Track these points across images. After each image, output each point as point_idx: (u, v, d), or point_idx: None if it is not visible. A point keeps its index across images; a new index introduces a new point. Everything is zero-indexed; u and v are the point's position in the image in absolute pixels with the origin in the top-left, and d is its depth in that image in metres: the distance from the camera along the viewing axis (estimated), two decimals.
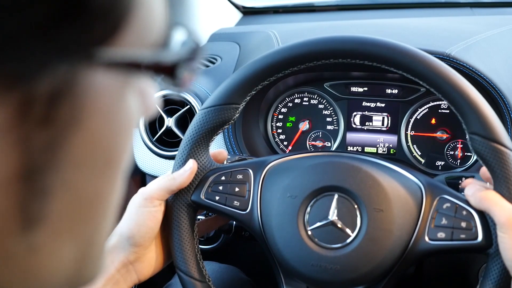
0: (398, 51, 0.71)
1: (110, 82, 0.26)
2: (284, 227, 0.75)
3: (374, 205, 0.72)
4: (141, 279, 0.80)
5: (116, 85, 0.26)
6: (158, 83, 0.31)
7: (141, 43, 0.27)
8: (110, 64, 0.25)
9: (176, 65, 0.28)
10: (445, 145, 1.09)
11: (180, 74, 0.28)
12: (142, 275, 0.79)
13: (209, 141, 0.80)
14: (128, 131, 0.29)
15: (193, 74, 0.30)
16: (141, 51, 0.27)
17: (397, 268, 0.73)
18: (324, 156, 0.79)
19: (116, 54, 0.25)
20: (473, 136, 0.68)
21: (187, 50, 0.29)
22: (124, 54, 0.26)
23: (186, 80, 0.29)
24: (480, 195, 0.69)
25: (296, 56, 0.75)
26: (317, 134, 1.16)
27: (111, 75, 0.26)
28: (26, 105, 0.23)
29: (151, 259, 0.80)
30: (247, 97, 0.79)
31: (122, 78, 0.27)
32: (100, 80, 0.25)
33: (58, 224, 0.26)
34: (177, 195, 0.79)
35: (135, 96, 0.29)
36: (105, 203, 0.29)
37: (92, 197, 0.28)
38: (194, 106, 1.07)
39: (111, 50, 0.25)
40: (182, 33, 0.30)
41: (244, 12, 1.53)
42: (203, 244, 1.08)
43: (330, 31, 1.21)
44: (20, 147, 0.23)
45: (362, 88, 1.12)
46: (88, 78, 0.24)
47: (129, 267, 0.77)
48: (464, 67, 0.97)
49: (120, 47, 0.25)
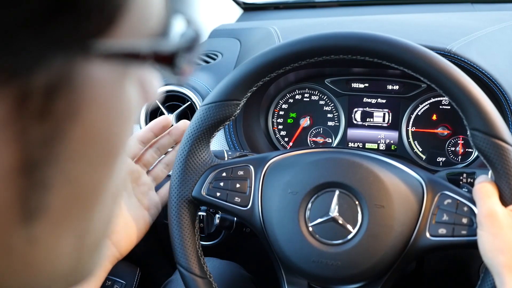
0: (399, 47, 0.71)
1: (108, 73, 0.25)
2: (285, 223, 0.75)
3: (375, 201, 0.72)
4: (122, 253, 0.80)
5: (114, 76, 0.26)
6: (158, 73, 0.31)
7: (139, 33, 0.27)
8: (108, 55, 0.25)
9: (175, 55, 0.28)
10: (446, 141, 1.09)
11: (179, 63, 0.28)
12: (121, 248, 0.79)
13: (210, 137, 0.80)
14: (128, 121, 0.28)
15: (192, 63, 0.29)
16: (139, 41, 0.27)
17: (398, 264, 0.73)
18: (325, 152, 0.79)
19: (113, 45, 0.25)
20: (474, 132, 0.68)
21: (186, 39, 0.29)
22: (122, 45, 0.25)
23: (186, 70, 0.29)
24: (475, 187, 0.69)
25: (296, 52, 0.75)
26: (318, 130, 1.16)
27: (108, 67, 0.25)
28: (24, 99, 0.23)
29: (128, 229, 0.80)
30: (248, 93, 0.79)
31: (120, 69, 0.26)
32: (98, 72, 0.25)
33: (57, 216, 0.26)
34: (178, 192, 0.79)
35: (135, 85, 0.29)
36: (103, 194, 0.29)
37: (91, 188, 0.27)
38: (195, 102, 1.07)
39: (108, 41, 0.25)
40: (181, 22, 0.30)
41: (245, 8, 1.52)
42: (204, 240, 1.08)
43: (331, 27, 1.21)
44: (19, 140, 0.23)
45: (363, 84, 1.12)
46: (85, 70, 0.24)
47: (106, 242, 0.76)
48: (465, 63, 0.97)
49: (117, 38, 0.25)
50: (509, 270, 0.64)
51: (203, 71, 1.15)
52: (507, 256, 0.65)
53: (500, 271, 0.64)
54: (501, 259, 0.65)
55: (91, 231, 0.29)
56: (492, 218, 0.66)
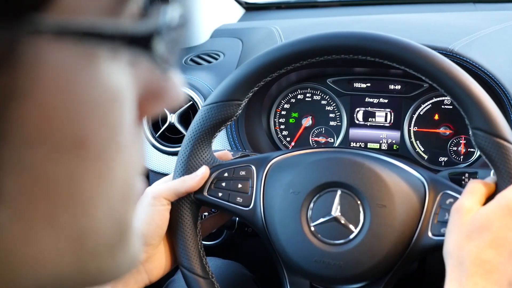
0: (400, 46, 0.71)
1: (66, 53, 0.23)
2: (287, 223, 0.75)
3: (377, 200, 0.72)
4: (151, 280, 0.80)
5: (76, 58, 0.24)
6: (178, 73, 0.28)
7: (98, 9, 0.24)
8: (59, 33, 0.23)
9: (151, 37, 0.25)
10: (448, 141, 1.09)
11: (157, 48, 0.25)
12: (152, 276, 0.79)
13: (212, 137, 0.80)
14: (108, 108, 0.25)
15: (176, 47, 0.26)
16: (99, 18, 0.24)
17: (400, 264, 0.73)
18: (327, 152, 0.79)
19: (62, 21, 0.23)
20: (476, 131, 0.68)
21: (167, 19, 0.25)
22: (74, 22, 0.23)
23: (168, 56, 0.26)
24: (467, 184, 0.69)
25: (298, 52, 0.75)
26: (320, 130, 1.16)
27: (66, 46, 0.23)
28: None
29: (161, 259, 0.80)
30: (249, 93, 0.79)
31: (84, 50, 0.24)
32: (51, 51, 0.23)
33: (20, 206, 0.24)
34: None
35: (123, 69, 0.26)
36: (88, 190, 0.26)
37: (64, 180, 0.25)
38: (197, 102, 1.07)
39: (55, 17, 0.22)
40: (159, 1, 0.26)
41: (247, 8, 1.52)
42: (206, 240, 1.08)
43: (333, 27, 1.21)
44: None
45: (365, 84, 1.12)
46: (34, 48, 0.23)
47: (139, 268, 0.76)
48: (467, 62, 0.97)
49: (67, 14, 0.23)
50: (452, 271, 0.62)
51: (205, 71, 1.15)
52: (453, 259, 0.63)
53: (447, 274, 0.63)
54: (448, 262, 0.63)
55: (91, 235, 0.27)
56: (458, 214, 0.65)
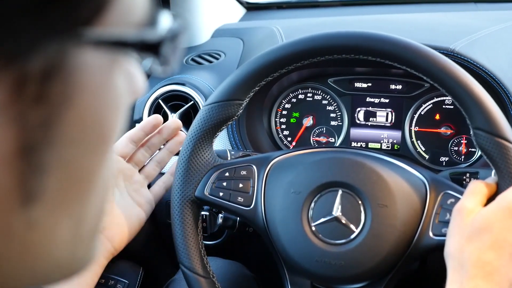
0: (401, 46, 0.71)
1: (98, 60, 0.27)
2: (288, 223, 0.75)
3: (378, 200, 0.73)
4: (116, 248, 0.80)
5: (104, 64, 0.27)
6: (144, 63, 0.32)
7: (126, 22, 0.28)
8: (98, 43, 0.26)
9: (160, 44, 0.29)
10: (449, 140, 1.09)
11: (164, 52, 0.29)
12: (115, 242, 0.80)
13: (213, 137, 0.80)
14: (117, 110, 0.29)
15: (177, 51, 0.31)
16: (126, 30, 0.28)
17: (401, 264, 0.73)
18: (328, 152, 0.79)
19: (102, 33, 0.26)
20: (477, 131, 0.68)
21: (171, 31, 0.30)
22: (110, 33, 0.26)
23: (171, 58, 0.30)
24: (468, 185, 0.69)
25: (299, 51, 0.75)
26: (321, 129, 1.16)
27: (99, 54, 0.26)
28: (21, 83, 0.24)
29: (122, 224, 0.81)
30: (250, 93, 0.79)
31: (109, 56, 0.27)
32: (89, 58, 0.26)
33: (54, 199, 0.27)
34: (181, 191, 0.79)
35: (123, 77, 0.30)
36: (95, 180, 0.30)
37: (85, 173, 0.28)
38: (198, 102, 1.07)
39: (98, 29, 0.26)
40: (166, 15, 0.31)
41: (248, 7, 1.52)
42: (207, 240, 1.08)
43: (334, 27, 1.20)
44: (17, 124, 0.24)
45: (366, 84, 1.12)
46: (78, 56, 0.25)
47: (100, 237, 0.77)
48: (468, 62, 0.97)
49: (105, 27, 0.26)
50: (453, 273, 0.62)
51: (206, 70, 1.15)
52: (455, 261, 0.63)
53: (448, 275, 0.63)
54: (449, 263, 0.63)
55: (86, 220, 0.30)
56: (459, 215, 0.65)
